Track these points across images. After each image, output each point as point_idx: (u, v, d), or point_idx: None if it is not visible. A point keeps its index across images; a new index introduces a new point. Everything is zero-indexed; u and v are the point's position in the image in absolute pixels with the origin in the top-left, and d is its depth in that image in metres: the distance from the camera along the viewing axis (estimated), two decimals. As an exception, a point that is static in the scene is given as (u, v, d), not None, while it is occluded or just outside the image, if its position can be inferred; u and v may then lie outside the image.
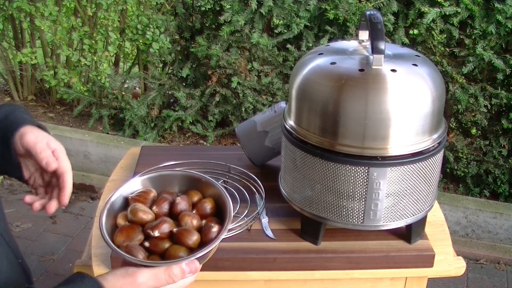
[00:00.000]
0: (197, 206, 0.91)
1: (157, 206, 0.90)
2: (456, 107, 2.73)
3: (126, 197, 0.92)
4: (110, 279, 0.78)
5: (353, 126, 0.98)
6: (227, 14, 2.87)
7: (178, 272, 0.79)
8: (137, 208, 0.88)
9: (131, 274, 0.78)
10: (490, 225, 2.59)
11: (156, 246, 0.84)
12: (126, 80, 3.40)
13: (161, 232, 0.85)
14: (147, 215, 0.88)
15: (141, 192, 0.92)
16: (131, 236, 0.85)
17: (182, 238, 0.84)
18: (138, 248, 0.83)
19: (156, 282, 0.79)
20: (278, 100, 2.95)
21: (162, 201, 0.90)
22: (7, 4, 3.11)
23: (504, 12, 2.47)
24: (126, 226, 0.87)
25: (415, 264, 1.11)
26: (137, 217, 0.87)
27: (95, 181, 2.97)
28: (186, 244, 0.84)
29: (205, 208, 0.91)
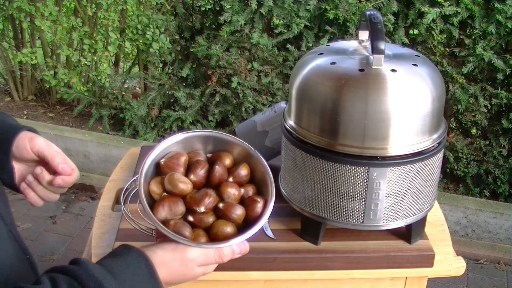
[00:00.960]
0: (233, 173, 0.88)
1: (194, 174, 0.86)
2: (456, 107, 2.73)
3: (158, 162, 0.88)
4: (159, 252, 0.78)
5: (353, 126, 0.98)
6: (227, 14, 2.87)
7: (228, 253, 0.80)
8: (176, 178, 0.84)
9: (181, 249, 0.78)
10: (490, 225, 2.59)
11: (201, 221, 0.82)
12: (126, 80, 3.40)
13: (207, 208, 0.83)
14: (186, 186, 0.84)
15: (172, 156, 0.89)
16: (173, 210, 0.82)
17: (228, 213, 0.83)
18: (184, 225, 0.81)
19: (206, 260, 0.79)
20: (278, 100, 2.95)
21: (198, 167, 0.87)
22: (7, 4, 3.11)
23: (504, 12, 2.47)
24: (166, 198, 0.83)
25: (415, 264, 1.11)
26: (178, 189, 0.83)
27: (95, 181, 2.97)
28: (232, 219, 0.83)
29: (241, 176, 0.88)
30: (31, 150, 0.90)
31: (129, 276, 0.73)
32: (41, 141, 0.90)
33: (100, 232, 1.18)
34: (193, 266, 0.79)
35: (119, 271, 0.73)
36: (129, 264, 0.74)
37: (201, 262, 0.79)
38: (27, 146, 0.90)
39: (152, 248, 0.78)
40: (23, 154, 0.90)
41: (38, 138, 0.91)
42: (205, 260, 0.79)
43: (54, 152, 0.90)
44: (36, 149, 0.90)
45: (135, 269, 0.74)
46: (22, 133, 0.90)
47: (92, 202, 2.87)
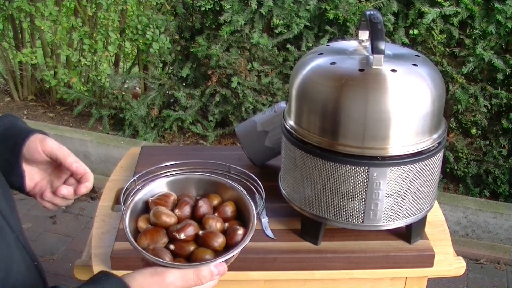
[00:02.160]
0: (218, 210, 0.92)
1: (179, 209, 0.90)
2: (456, 107, 2.73)
3: (146, 200, 0.93)
4: (137, 278, 0.78)
5: (353, 126, 0.98)
6: (227, 14, 2.87)
7: (207, 274, 0.79)
8: (160, 211, 0.88)
9: (159, 273, 0.78)
10: (490, 225, 2.59)
11: (182, 248, 0.84)
12: (126, 80, 3.40)
13: (187, 235, 0.85)
14: (170, 218, 0.88)
15: (161, 196, 0.93)
16: (155, 238, 0.85)
17: (208, 240, 0.85)
18: (164, 250, 0.83)
19: (184, 283, 0.78)
20: (278, 100, 2.95)
21: (184, 204, 0.91)
22: (7, 4, 3.11)
23: (504, 12, 2.47)
24: (151, 229, 0.87)
25: (415, 264, 1.11)
26: (161, 220, 0.87)
27: (95, 181, 2.93)
28: (212, 247, 0.84)
29: (226, 211, 0.92)
30: (43, 152, 0.90)
31: None
32: (52, 142, 0.91)
33: (100, 232, 1.18)
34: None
35: None
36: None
37: (180, 284, 0.78)
38: (38, 148, 0.90)
39: (131, 274, 0.78)
40: (34, 156, 0.91)
41: (49, 139, 0.91)
42: (184, 282, 0.78)
43: (66, 153, 0.91)
44: (48, 150, 0.90)
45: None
46: (33, 136, 0.91)
47: (92, 202, 2.86)
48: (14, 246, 0.83)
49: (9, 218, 0.84)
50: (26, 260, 0.86)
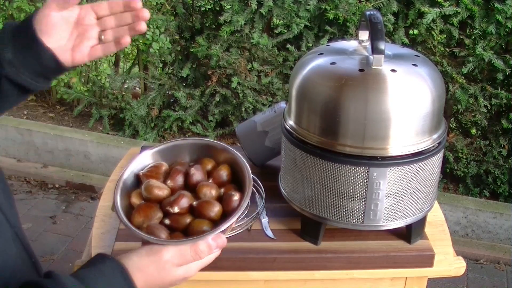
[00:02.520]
0: (212, 175, 0.87)
1: (171, 180, 0.86)
2: (456, 107, 2.73)
3: (137, 174, 0.88)
4: (134, 258, 0.75)
5: (353, 126, 0.98)
6: (227, 14, 2.87)
7: (204, 248, 0.76)
8: (151, 185, 0.84)
9: (155, 252, 0.75)
10: (490, 225, 2.59)
11: (177, 222, 0.81)
12: (126, 80, 3.40)
13: (181, 208, 0.81)
14: (162, 191, 0.84)
15: (152, 167, 0.88)
16: (149, 215, 0.81)
17: (203, 210, 0.81)
18: (159, 227, 0.79)
19: (182, 259, 0.76)
20: (278, 100, 2.95)
21: (176, 173, 0.86)
22: (7, 4, 3.11)
23: (504, 12, 2.47)
24: (143, 204, 0.83)
25: (415, 264, 1.11)
26: (153, 194, 0.83)
27: (95, 181, 2.97)
28: (208, 217, 0.80)
29: (221, 176, 0.87)
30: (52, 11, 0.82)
31: (104, 285, 0.71)
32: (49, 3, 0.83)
33: (100, 232, 1.18)
34: (170, 267, 0.76)
35: (93, 281, 0.71)
36: (103, 273, 0.72)
37: (177, 261, 0.76)
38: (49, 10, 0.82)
39: (127, 255, 0.76)
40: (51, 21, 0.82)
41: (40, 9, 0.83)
42: (181, 258, 0.76)
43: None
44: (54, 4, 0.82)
45: (110, 277, 0.72)
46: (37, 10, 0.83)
47: (92, 202, 2.86)
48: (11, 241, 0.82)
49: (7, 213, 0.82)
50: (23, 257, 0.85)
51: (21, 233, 0.85)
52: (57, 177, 3.00)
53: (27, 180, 3.01)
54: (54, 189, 2.97)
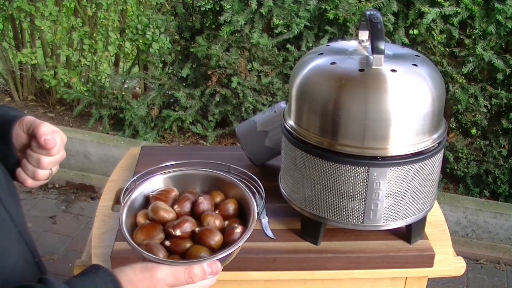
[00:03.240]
0: (219, 207, 0.89)
1: (178, 205, 0.88)
2: (456, 107, 2.73)
3: (147, 195, 0.90)
4: (127, 272, 0.76)
5: (353, 126, 0.98)
6: (227, 14, 2.87)
7: (198, 272, 0.76)
8: (158, 206, 0.86)
9: (149, 269, 0.76)
10: (490, 225, 2.59)
11: (177, 245, 0.82)
12: (126, 80, 3.40)
13: (183, 231, 0.82)
14: (168, 214, 0.86)
15: (162, 191, 0.91)
16: (151, 234, 0.83)
17: (204, 238, 0.82)
18: (158, 246, 0.81)
19: (175, 280, 0.76)
20: (278, 100, 2.95)
21: (184, 200, 0.88)
22: (7, 4, 3.11)
23: (504, 12, 2.47)
24: (147, 224, 0.85)
25: (415, 264, 1.11)
26: (158, 216, 0.85)
27: (95, 181, 2.97)
28: (208, 245, 0.82)
29: (228, 209, 0.89)
30: (21, 130, 0.85)
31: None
32: (29, 117, 0.85)
33: (100, 232, 1.18)
34: (162, 286, 0.76)
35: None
36: (96, 284, 0.73)
37: (170, 281, 0.76)
38: (18, 129, 0.85)
39: (121, 268, 0.76)
40: (19, 139, 0.86)
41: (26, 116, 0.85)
42: (174, 279, 0.76)
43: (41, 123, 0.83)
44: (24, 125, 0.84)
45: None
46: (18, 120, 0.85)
47: (92, 202, 2.86)
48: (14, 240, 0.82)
49: (12, 212, 0.82)
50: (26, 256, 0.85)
51: (25, 233, 0.85)
52: (57, 177, 3.00)
53: (27, 180, 3.01)
54: (54, 189, 2.97)
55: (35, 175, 0.86)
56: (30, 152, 0.85)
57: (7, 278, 0.76)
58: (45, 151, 0.83)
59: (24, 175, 0.87)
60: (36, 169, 0.85)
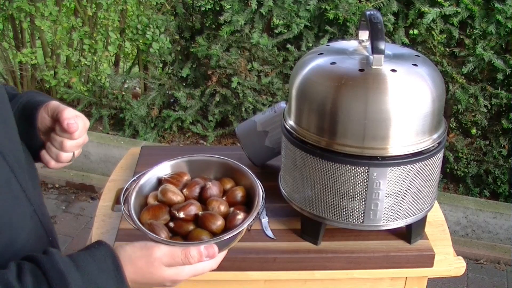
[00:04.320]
0: (227, 193, 0.91)
1: (187, 189, 0.90)
2: (456, 107, 2.73)
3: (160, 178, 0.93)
4: (127, 249, 0.79)
5: (353, 126, 0.98)
6: (227, 14, 2.87)
7: (195, 254, 0.78)
8: (167, 189, 0.89)
9: (148, 247, 0.78)
10: (490, 225, 2.59)
11: (181, 227, 0.84)
12: (126, 80, 3.40)
13: (187, 214, 0.85)
14: (176, 197, 0.88)
15: (175, 174, 0.93)
16: (157, 215, 0.85)
17: (206, 222, 0.84)
18: (161, 227, 0.83)
19: (171, 260, 0.78)
20: (278, 100, 2.95)
21: (194, 184, 0.91)
22: (7, 4, 3.11)
23: (504, 12, 2.47)
24: (154, 205, 0.87)
25: (415, 264, 1.11)
26: (166, 197, 0.88)
27: (95, 181, 2.97)
28: (209, 229, 0.84)
29: (236, 196, 0.91)
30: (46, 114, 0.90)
31: (94, 270, 0.74)
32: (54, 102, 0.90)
33: (100, 232, 1.18)
34: (159, 265, 0.78)
35: (85, 264, 0.74)
36: (95, 258, 0.75)
37: (166, 261, 0.78)
38: (43, 113, 0.90)
39: (122, 246, 0.79)
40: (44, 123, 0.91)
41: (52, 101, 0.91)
42: (171, 259, 0.78)
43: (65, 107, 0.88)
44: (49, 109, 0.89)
45: (101, 263, 0.75)
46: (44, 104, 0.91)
47: (92, 202, 2.86)
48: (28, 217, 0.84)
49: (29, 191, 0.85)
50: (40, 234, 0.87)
51: (41, 212, 0.88)
52: (57, 177, 3.00)
53: (27, 180, 3.01)
54: (54, 189, 2.97)
55: (58, 158, 0.91)
56: (54, 136, 0.90)
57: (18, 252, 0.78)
58: (68, 134, 0.88)
59: (48, 157, 0.92)
60: (59, 152, 0.90)
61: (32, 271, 0.72)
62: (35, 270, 0.72)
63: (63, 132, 0.88)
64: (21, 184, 0.83)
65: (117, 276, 0.75)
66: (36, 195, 0.89)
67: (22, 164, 0.86)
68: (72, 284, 0.72)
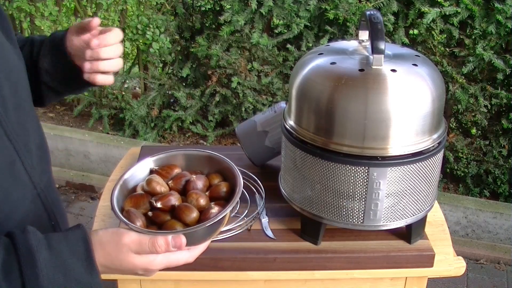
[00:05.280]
0: (211, 188, 0.92)
1: (173, 181, 0.91)
2: (456, 107, 2.73)
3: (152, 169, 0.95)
4: (100, 233, 0.81)
5: (353, 126, 0.98)
6: (227, 14, 2.87)
7: (162, 243, 0.79)
8: (152, 179, 0.90)
9: (119, 234, 0.80)
10: (490, 225, 2.59)
11: (158, 217, 0.85)
12: (126, 80, 3.40)
13: (164, 205, 0.86)
14: (160, 187, 0.89)
15: (165, 166, 0.94)
16: (138, 203, 0.87)
17: (181, 213, 0.85)
18: (138, 215, 0.84)
19: (139, 247, 0.79)
20: (278, 100, 2.95)
21: (180, 177, 0.92)
22: (7, 4, 3.11)
23: (504, 12, 2.47)
24: (137, 194, 0.89)
25: (415, 264, 1.11)
26: (150, 187, 0.89)
27: (95, 181, 2.97)
28: (183, 220, 0.84)
29: (219, 191, 0.91)
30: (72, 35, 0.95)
31: (65, 250, 0.76)
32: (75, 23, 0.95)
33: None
34: (127, 251, 0.79)
35: (57, 244, 0.76)
36: (68, 240, 0.77)
37: (134, 248, 0.79)
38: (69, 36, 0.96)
39: (96, 230, 0.82)
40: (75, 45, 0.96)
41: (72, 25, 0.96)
42: (138, 246, 0.79)
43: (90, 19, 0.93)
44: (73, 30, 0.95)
45: (73, 245, 0.77)
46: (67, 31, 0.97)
47: (92, 202, 2.86)
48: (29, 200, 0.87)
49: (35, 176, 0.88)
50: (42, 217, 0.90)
51: (45, 197, 0.91)
52: (57, 177, 3.00)
53: (27, 180, 3.01)
54: (54, 189, 2.97)
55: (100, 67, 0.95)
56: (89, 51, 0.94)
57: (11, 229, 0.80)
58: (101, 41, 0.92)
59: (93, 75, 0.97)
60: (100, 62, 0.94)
61: (6, 245, 0.74)
62: (8, 244, 0.74)
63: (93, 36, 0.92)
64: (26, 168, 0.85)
65: (87, 259, 0.77)
66: (42, 180, 0.91)
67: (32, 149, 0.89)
68: (40, 261, 0.74)
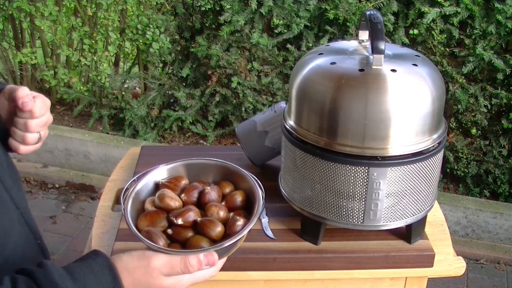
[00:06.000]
0: (227, 198, 0.89)
1: (186, 194, 0.88)
2: (456, 107, 2.73)
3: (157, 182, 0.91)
4: (125, 259, 0.76)
5: (353, 126, 0.98)
6: (227, 14, 2.87)
7: (194, 263, 0.76)
8: (164, 194, 0.86)
9: (146, 257, 0.76)
10: (490, 225, 2.59)
11: (179, 234, 0.82)
12: (126, 80, 3.41)
13: (185, 221, 0.82)
14: (174, 202, 0.86)
15: (172, 179, 0.91)
16: (155, 221, 0.83)
17: (205, 228, 0.82)
18: (159, 234, 0.81)
19: (171, 270, 0.76)
20: (278, 100, 2.95)
21: (192, 189, 0.88)
22: (7, 4, 3.11)
23: (504, 12, 2.47)
24: (152, 211, 0.85)
25: (415, 264, 1.11)
26: (164, 203, 0.85)
27: (95, 181, 2.97)
28: (208, 235, 0.81)
29: (235, 201, 0.89)
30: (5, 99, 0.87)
31: (92, 281, 0.72)
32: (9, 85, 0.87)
33: (100, 232, 1.18)
34: (158, 275, 0.76)
35: (81, 275, 0.72)
36: (92, 269, 0.73)
37: (166, 271, 0.76)
38: (1, 99, 0.87)
39: (119, 255, 0.77)
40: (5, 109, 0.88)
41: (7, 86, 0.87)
42: (170, 269, 0.76)
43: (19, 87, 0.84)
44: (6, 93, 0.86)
45: (98, 275, 0.73)
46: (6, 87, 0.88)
47: (92, 202, 2.86)
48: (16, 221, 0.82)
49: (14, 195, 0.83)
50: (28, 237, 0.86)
51: (27, 215, 0.87)
52: (57, 177, 3.00)
53: (27, 180, 3.01)
54: (54, 189, 2.97)
55: (24, 140, 0.87)
56: (16, 119, 0.86)
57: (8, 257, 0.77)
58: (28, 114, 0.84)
59: (16, 143, 0.88)
60: (25, 133, 0.86)
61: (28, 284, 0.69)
62: (30, 283, 0.70)
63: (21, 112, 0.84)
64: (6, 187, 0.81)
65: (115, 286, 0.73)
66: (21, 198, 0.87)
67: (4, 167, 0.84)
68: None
